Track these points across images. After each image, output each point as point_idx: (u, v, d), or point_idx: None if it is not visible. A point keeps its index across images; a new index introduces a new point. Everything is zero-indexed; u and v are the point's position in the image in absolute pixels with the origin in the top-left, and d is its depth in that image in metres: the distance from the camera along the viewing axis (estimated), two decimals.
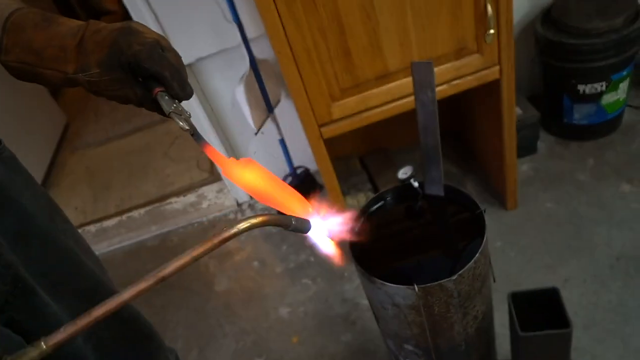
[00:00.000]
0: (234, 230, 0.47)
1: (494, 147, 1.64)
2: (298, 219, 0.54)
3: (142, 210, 2.34)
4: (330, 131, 1.37)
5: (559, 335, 0.89)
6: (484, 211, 0.93)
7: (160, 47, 0.58)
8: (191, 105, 1.84)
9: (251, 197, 2.20)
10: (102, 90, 0.59)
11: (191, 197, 2.32)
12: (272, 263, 1.90)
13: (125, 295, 0.44)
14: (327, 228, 0.58)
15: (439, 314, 0.90)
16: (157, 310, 1.86)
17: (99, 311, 0.44)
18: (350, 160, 1.99)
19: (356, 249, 0.95)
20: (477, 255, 0.85)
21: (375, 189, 1.84)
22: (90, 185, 2.70)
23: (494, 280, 1.04)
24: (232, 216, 2.17)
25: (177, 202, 2.32)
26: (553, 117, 1.89)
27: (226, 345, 1.68)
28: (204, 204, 2.26)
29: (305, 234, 0.55)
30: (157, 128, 2.90)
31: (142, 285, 0.44)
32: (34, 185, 0.74)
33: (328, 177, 1.49)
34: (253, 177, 0.56)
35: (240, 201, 2.20)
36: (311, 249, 1.89)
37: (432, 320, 0.91)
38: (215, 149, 0.59)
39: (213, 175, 2.39)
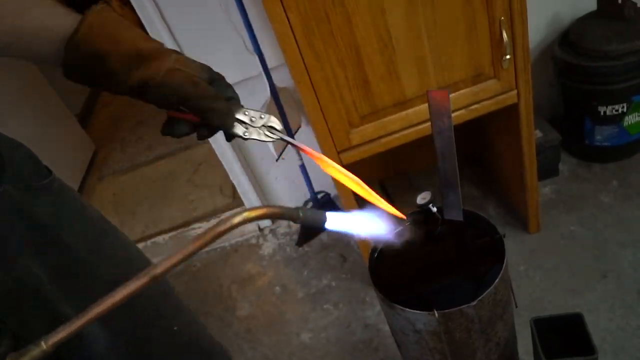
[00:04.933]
0: (228, 224, 0.45)
1: (514, 170, 1.64)
2: (310, 210, 0.52)
3: (166, 236, 2.38)
4: (349, 157, 1.39)
5: None
6: (504, 236, 0.93)
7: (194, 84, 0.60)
8: None
9: (273, 222, 2.23)
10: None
11: (214, 223, 2.35)
12: (293, 288, 1.91)
13: (117, 295, 0.45)
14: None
15: (461, 340, 0.89)
16: None
17: (97, 309, 0.45)
18: (371, 185, 2.00)
19: (376, 275, 0.96)
20: (497, 280, 0.85)
21: None
22: (117, 211, 2.77)
23: (516, 306, 1.03)
24: (253, 241, 2.19)
25: (201, 228, 2.35)
26: (574, 139, 1.88)
27: None
28: None
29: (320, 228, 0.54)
30: (180, 155, 2.97)
31: (135, 284, 0.44)
32: (82, 213, 0.76)
33: (348, 202, 1.50)
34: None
35: (262, 226, 2.22)
36: (333, 273, 1.89)
37: (453, 347, 0.90)
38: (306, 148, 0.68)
39: (235, 200, 2.42)
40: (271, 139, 0.68)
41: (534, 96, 1.38)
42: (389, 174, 2.03)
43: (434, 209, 1.03)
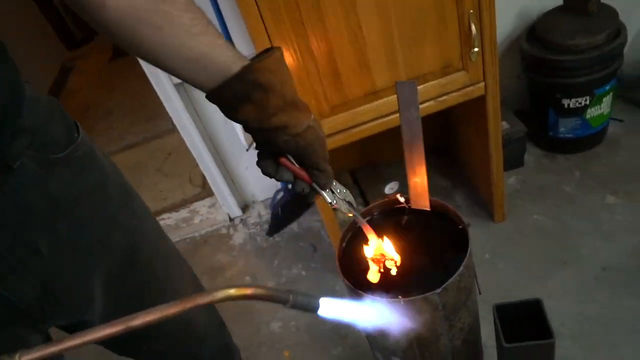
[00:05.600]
0: (209, 297, 0.47)
1: (481, 161, 1.67)
2: (302, 295, 0.53)
3: None
4: None
5: (542, 346, 0.91)
6: (469, 225, 0.96)
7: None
8: (182, 121, 1.87)
9: (244, 212, 2.22)
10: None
11: (183, 213, 2.33)
12: (263, 278, 1.91)
13: (89, 336, 0.46)
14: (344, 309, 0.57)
15: (425, 327, 0.91)
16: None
17: (69, 342, 0.46)
18: (342, 175, 2.02)
19: (344, 264, 0.97)
20: (460, 269, 0.87)
21: (365, 203, 1.86)
22: None
23: (480, 293, 1.06)
24: (224, 231, 2.18)
25: (170, 218, 2.33)
26: (539, 130, 1.93)
27: None
28: (196, 219, 2.27)
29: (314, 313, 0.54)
30: (150, 144, 2.92)
31: (109, 329, 0.46)
32: (104, 184, 0.75)
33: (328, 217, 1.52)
34: None
35: (232, 216, 2.22)
36: (303, 263, 1.91)
37: (417, 333, 0.93)
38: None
39: (205, 190, 2.40)
40: (350, 214, 0.81)
41: (502, 88, 1.41)
42: (359, 163, 2.05)
43: (402, 199, 1.05)
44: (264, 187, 2.18)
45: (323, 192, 0.76)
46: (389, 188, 0.97)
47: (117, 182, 0.80)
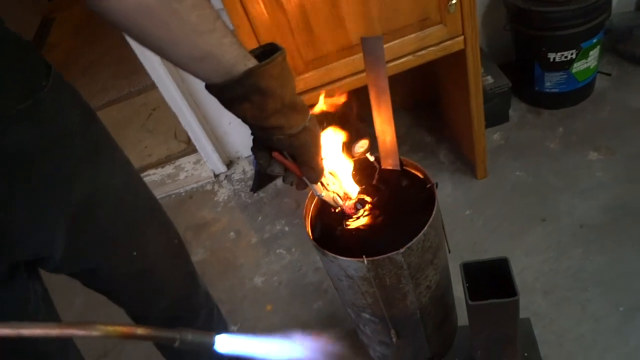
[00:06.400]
0: (85, 331, 0.47)
1: (463, 117, 1.65)
2: (193, 333, 0.51)
3: None
4: None
5: (506, 304, 0.93)
6: (436, 185, 0.95)
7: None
8: (161, 78, 1.83)
9: (228, 168, 2.21)
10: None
11: (169, 169, 2.32)
12: (247, 233, 1.93)
13: None
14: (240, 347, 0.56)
15: (391, 285, 0.92)
16: None
17: None
18: None
19: (313, 224, 0.97)
20: (425, 229, 0.87)
21: None
22: None
23: (449, 251, 1.07)
24: (209, 187, 2.18)
25: (155, 174, 2.33)
26: (525, 85, 1.90)
27: None
28: (182, 176, 2.27)
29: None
30: (134, 100, 2.88)
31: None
32: (70, 136, 0.74)
33: None
34: None
35: (217, 172, 2.21)
36: (286, 219, 1.92)
37: (384, 291, 0.94)
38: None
39: (190, 145, 2.38)
40: (336, 209, 0.95)
41: (487, 41, 1.38)
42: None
43: (372, 158, 1.04)
44: (248, 143, 2.15)
45: (313, 185, 0.81)
46: (359, 147, 0.95)
47: (86, 134, 0.79)
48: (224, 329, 1.24)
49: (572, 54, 1.70)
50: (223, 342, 0.51)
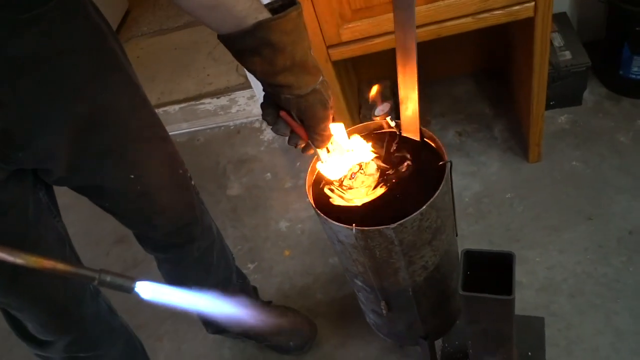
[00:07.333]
0: (18, 259, 0.47)
1: (526, 93, 1.51)
2: (114, 276, 0.50)
3: (177, 107, 2.40)
4: (338, 53, 1.30)
5: (497, 301, 0.86)
6: (450, 163, 0.88)
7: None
8: None
9: None
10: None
11: (223, 100, 2.34)
12: (283, 177, 1.93)
13: None
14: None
15: (381, 258, 0.89)
16: None
17: None
18: (351, 86, 1.89)
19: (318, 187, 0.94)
20: (423, 207, 0.82)
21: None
22: (139, 74, 2.78)
23: (457, 235, 1.00)
24: (257, 125, 2.19)
25: (210, 103, 2.36)
26: (608, 67, 1.69)
27: None
28: (234, 109, 2.28)
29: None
30: (206, 28, 2.89)
31: None
32: (77, 51, 0.75)
33: (336, 102, 1.44)
34: None
35: None
36: None
37: (374, 262, 0.90)
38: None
39: (248, 81, 2.38)
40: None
41: (576, 15, 1.21)
42: (372, 77, 1.90)
43: (392, 124, 0.98)
44: None
45: (318, 150, 0.81)
46: (380, 109, 0.89)
47: (96, 53, 0.80)
48: (224, 264, 1.26)
49: None
50: (143, 288, 0.50)
